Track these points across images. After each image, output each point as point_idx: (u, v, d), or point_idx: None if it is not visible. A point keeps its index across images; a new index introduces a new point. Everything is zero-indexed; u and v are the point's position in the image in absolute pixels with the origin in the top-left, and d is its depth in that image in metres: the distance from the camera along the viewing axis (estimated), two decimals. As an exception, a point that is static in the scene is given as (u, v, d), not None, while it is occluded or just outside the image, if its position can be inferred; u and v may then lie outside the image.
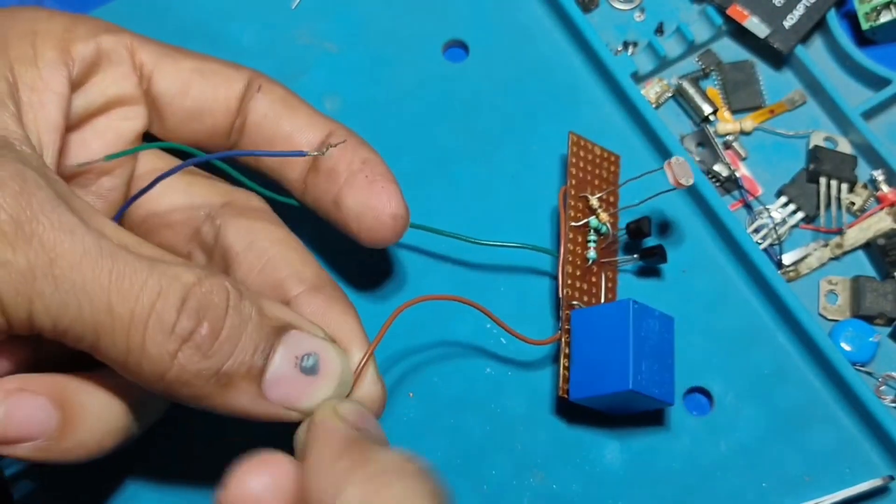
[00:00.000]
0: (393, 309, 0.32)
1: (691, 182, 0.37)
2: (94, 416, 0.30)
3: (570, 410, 0.38)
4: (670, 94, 0.44)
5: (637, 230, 0.39)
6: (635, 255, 0.39)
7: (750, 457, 0.37)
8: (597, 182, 0.39)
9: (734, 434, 0.38)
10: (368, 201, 0.34)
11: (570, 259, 0.38)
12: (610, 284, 0.39)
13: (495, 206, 0.41)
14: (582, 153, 0.39)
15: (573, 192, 0.38)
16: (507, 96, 0.43)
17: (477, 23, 0.44)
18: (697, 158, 0.42)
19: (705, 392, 0.39)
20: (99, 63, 0.33)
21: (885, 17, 0.44)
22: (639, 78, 0.43)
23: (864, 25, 0.44)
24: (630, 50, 0.44)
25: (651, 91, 0.43)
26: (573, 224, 0.38)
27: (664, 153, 0.41)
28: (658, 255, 0.39)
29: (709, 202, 0.40)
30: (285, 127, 0.35)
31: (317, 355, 0.29)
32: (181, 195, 0.35)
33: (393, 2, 0.44)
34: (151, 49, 0.34)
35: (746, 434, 0.38)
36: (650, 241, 0.40)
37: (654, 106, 0.43)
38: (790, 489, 0.37)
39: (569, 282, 0.37)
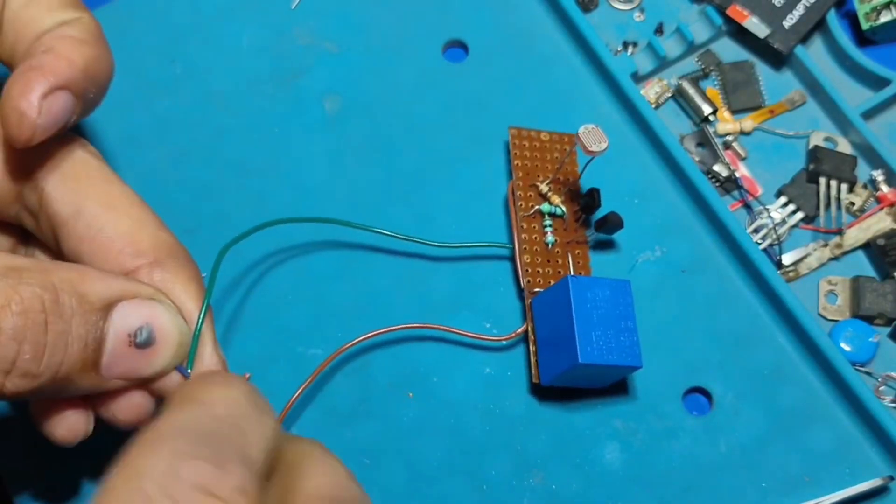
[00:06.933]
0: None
1: (604, 146, 0.36)
2: None
3: (568, 407, 0.38)
4: (670, 95, 0.44)
5: (588, 205, 0.39)
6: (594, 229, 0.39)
7: (750, 457, 0.37)
8: (549, 167, 0.40)
9: (734, 434, 0.38)
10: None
11: (527, 248, 0.38)
12: (581, 262, 0.39)
13: (496, 206, 0.41)
14: (526, 143, 0.40)
15: (521, 184, 0.39)
16: (507, 96, 0.43)
17: (477, 23, 0.44)
18: (697, 158, 0.42)
19: (705, 392, 0.39)
20: None
21: (885, 17, 0.44)
22: (638, 78, 0.43)
23: (864, 25, 0.44)
24: (630, 50, 0.44)
25: (651, 91, 0.43)
26: (524, 214, 0.39)
27: (664, 153, 0.41)
28: (610, 223, 0.38)
29: (709, 202, 0.40)
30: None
31: (150, 326, 0.29)
32: None
33: (393, 2, 0.44)
34: None
35: (746, 434, 0.38)
36: (604, 212, 0.39)
37: (653, 106, 0.43)
38: (790, 489, 0.37)
39: (528, 270, 0.38)
